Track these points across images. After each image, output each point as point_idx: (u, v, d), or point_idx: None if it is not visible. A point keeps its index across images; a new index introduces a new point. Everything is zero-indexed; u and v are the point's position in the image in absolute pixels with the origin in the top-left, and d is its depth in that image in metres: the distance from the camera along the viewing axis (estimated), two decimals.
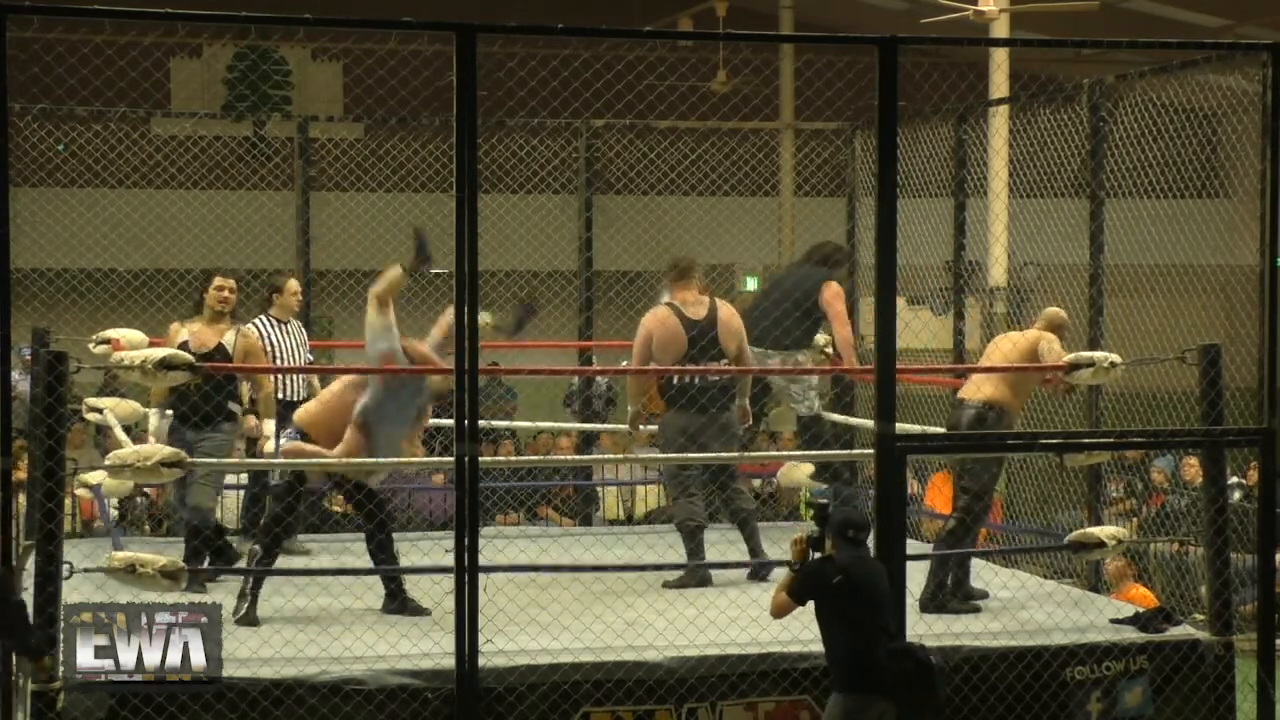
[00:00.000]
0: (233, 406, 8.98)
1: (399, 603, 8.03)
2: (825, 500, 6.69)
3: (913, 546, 8.26)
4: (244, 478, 10.19)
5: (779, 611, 6.54)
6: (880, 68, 6.93)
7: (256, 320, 9.79)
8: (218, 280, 8.81)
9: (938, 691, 6.39)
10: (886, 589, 6.50)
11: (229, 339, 8.80)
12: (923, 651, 6.34)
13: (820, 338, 10.11)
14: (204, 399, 8.61)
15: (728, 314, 9.04)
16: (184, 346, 8.44)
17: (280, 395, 9.62)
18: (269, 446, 9.07)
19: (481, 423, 8.40)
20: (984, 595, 8.53)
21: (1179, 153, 10.08)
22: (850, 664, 6.33)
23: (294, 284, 9.99)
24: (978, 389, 8.55)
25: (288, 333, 9.79)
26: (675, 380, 8.84)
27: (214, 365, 8.40)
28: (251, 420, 9.30)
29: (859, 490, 9.96)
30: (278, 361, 9.61)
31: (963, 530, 8.42)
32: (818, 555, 6.43)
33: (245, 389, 9.58)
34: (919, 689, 6.29)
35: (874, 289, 7.19)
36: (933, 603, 8.17)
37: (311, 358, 10.24)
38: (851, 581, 6.34)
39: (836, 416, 10.37)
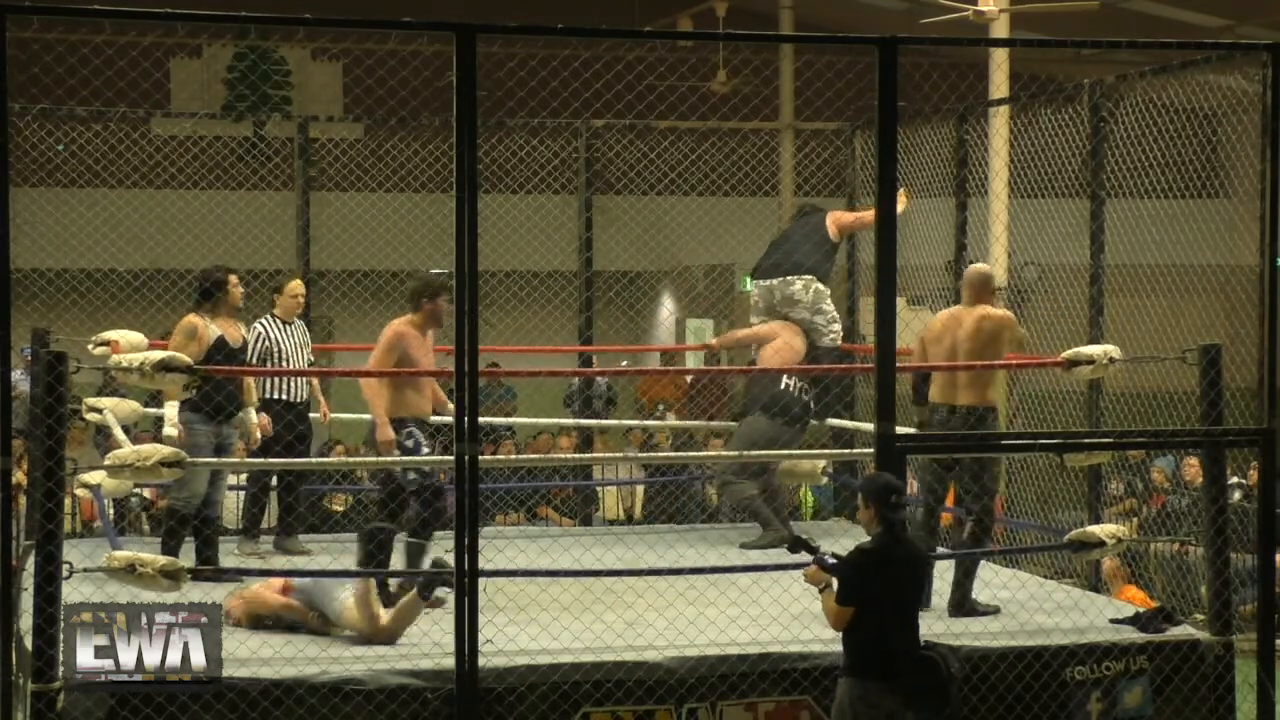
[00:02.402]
0: (249, 410, 9.22)
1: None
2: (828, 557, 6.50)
3: None
4: (244, 478, 10.18)
5: (839, 623, 6.30)
6: (880, 68, 6.93)
7: (261, 320, 9.78)
8: (234, 278, 9.10)
9: (951, 699, 6.32)
10: (920, 579, 6.37)
11: (244, 334, 9.26)
12: (945, 664, 6.23)
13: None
14: (228, 398, 8.89)
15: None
16: (220, 341, 8.85)
17: (284, 397, 9.62)
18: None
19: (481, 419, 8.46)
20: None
21: (1179, 153, 10.08)
22: (860, 649, 6.24)
23: (295, 285, 9.94)
24: (950, 391, 8.31)
25: (291, 333, 9.78)
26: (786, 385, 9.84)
27: (239, 369, 8.87)
28: (264, 419, 9.37)
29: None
30: (282, 363, 9.60)
31: (981, 532, 8.36)
32: (832, 562, 6.34)
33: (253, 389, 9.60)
34: (936, 702, 6.24)
35: (874, 289, 7.18)
36: (960, 609, 8.11)
37: (314, 359, 10.22)
38: (888, 571, 6.25)
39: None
